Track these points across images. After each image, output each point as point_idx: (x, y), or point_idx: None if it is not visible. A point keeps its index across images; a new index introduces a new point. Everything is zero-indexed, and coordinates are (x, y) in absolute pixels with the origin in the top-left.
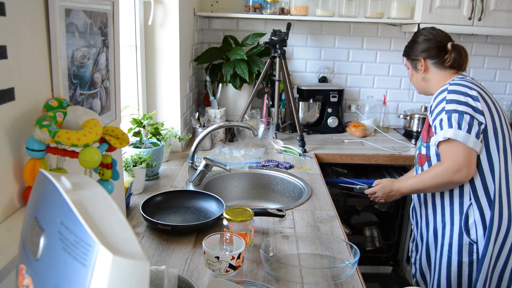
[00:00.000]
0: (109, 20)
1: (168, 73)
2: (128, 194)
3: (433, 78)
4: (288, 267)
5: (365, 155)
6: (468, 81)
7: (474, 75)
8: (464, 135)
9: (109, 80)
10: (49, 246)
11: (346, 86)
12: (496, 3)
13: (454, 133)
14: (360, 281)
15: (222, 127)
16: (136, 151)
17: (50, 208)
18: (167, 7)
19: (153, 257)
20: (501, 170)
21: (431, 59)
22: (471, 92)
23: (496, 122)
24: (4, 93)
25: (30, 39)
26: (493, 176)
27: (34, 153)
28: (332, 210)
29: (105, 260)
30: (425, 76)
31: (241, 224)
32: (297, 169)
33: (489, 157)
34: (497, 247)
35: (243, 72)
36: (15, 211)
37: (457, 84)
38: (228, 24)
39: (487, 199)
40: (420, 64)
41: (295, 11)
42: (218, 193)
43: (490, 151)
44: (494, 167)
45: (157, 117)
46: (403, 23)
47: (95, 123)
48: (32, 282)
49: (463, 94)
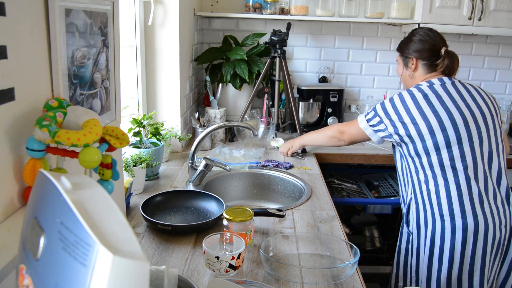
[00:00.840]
0: (109, 20)
1: (168, 73)
2: (128, 194)
3: (418, 77)
4: (288, 267)
5: (365, 155)
6: (423, 89)
7: (474, 75)
8: (366, 125)
9: (109, 80)
10: (49, 246)
11: (346, 86)
12: (496, 3)
13: (361, 120)
14: (360, 281)
15: (222, 127)
16: (136, 151)
17: (50, 208)
18: (167, 7)
19: (153, 257)
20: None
21: (422, 60)
22: (410, 103)
23: (446, 126)
24: (4, 93)
25: (30, 39)
26: (434, 178)
27: (34, 153)
28: (332, 210)
29: (105, 260)
30: (413, 74)
31: (241, 224)
32: (297, 169)
33: (430, 161)
34: (427, 240)
35: (243, 72)
36: (15, 211)
37: (408, 90)
38: (228, 24)
39: (428, 197)
40: (411, 63)
41: (295, 11)
42: (218, 193)
43: (431, 156)
44: (435, 170)
45: (157, 117)
46: (403, 23)
47: (95, 123)
48: (32, 282)
49: (401, 101)
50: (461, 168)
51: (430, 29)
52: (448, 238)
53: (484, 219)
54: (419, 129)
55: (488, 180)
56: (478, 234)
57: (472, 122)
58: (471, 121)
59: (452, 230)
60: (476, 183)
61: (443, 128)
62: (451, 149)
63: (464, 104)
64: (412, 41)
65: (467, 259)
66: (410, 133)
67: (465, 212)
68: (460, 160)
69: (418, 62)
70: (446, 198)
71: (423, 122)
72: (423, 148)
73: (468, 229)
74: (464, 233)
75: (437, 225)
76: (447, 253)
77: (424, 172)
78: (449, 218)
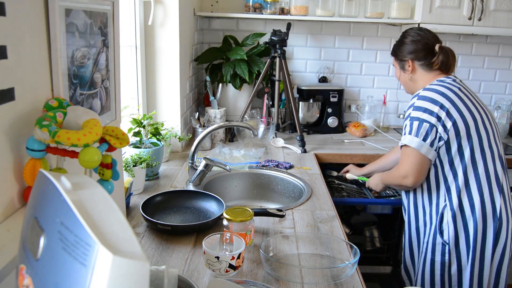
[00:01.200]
0: (109, 20)
1: (168, 73)
2: (128, 194)
3: (420, 79)
4: (288, 267)
5: (365, 155)
6: (444, 85)
7: (474, 75)
8: (418, 142)
9: (109, 80)
10: (49, 246)
11: (346, 86)
12: (496, 3)
13: (409, 139)
14: (360, 281)
15: (222, 127)
16: (136, 151)
17: (50, 208)
18: (167, 7)
19: (153, 257)
20: (474, 171)
21: (418, 61)
22: (441, 99)
23: (470, 126)
24: (4, 93)
25: (30, 39)
26: (465, 178)
27: (34, 153)
28: (332, 210)
29: (105, 260)
30: (412, 77)
31: (241, 224)
32: (297, 169)
33: (463, 159)
34: (466, 248)
35: (243, 72)
36: (15, 211)
37: (430, 89)
38: (228, 24)
39: (459, 201)
40: (407, 65)
41: (295, 11)
42: (218, 193)
43: (464, 153)
44: (467, 169)
45: (157, 117)
46: (403, 23)
47: (95, 123)
48: (32, 282)
49: (431, 101)
50: (482, 168)
51: (421, 28)
52: (491, 238)
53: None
54: (457, 126)
55: (500, 179)
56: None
57: (481, 123)
58: (481, 123)
59: (486, 231)
60: (496, 182)
61: (469, 129)
62: (473, 151)
63: (473, 105)
64: (404, 43)
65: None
66: (456, 126)
67: (496, 210)
68: (482, 160)
69: (414, 63)
70: (479, 200)
71: (460, 119)
72: (459, 146)
73: (502, 227)
74: (498, 232)
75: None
76: (500, 251)
77: (457, 175)
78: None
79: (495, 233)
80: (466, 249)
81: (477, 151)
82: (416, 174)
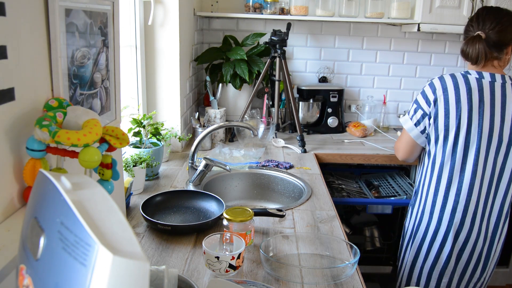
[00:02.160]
0: (109, 20)
1: (168, 73)
2: (128, 194)
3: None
4: (288, 267)
5: (365, 155)
6: (458, 77)
7: None
8: (410, 125)
9: (109, 80)
10: (49, 246)
11: (346, 86)
12: (496, 3)
13: (404, 120)
14: (360, 281)
15: (222, 127)
16: (136, 151)
17: (50, 208)
18: (167, 7)
19: (153, 257)
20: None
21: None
22: (439, 89)
23: (462, 125)
24: (4, 93)
25: (30, 39)
26: (432, 168)
27: (34, 153)
28: (332, 210)
29: (105, 260)
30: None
31: (241, 224)
32: (297, 169)
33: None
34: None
35: (243, 72)
36: (15, 211)
37: (452, 73)
38: (228, 24)
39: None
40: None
41: (295, 11)
42: (218, 193)
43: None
44: (436, 159)
45: (157, 117)
46: (403, 23)
47: (95, 123)
48: (32, 282)
49: (431, 88)
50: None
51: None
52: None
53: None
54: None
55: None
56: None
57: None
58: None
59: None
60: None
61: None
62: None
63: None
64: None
65: None
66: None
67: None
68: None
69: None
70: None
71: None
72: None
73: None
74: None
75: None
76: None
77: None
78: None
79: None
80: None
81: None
82: (404, 152)
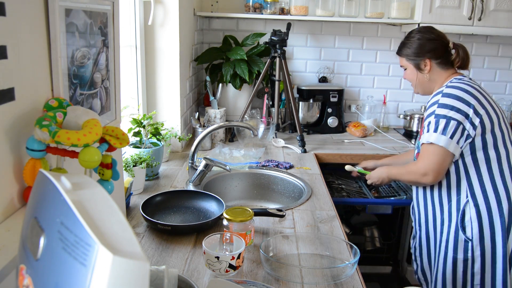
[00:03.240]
0: (109, 20)
1: (168, 73)
2: (128, 194)
3: (437, 78)
4: (288, 267)
5: (365, 155)
6: (465, 83)
7: (474, 75)
8: (446, 140)
9: (109, 80)
10: (49, 246)
11: (346, 86)
12: (496, 3)
13: (436, 137)
14: (360, 281)
15: (222, 127)
16: (136, 151)
17: (50, 208)
18: (167, 7)
19: (153, 257)
20: (499, 167)
21: (436, 59)
22: (466, 97)
23: (494, 122)
24: (4, 93)
25: (30, 39)
26: (490, 174)
27: (34, 153)
28: (332, 210)
29: (105, 260)
30: (430, 76)
31: (241, 224)
32: (297, 169)
33: (487, 155)
34: (491, 245)
35: (243, 72)
36: (15, 211)
37: (454, 87)
38: (228, 24)
39: (484, 197)
40: (423, 64)
41: (295, 11)
42: (218, 193)
43: (488, 149)
44: (491, 165)
45: (157, 117)
46: (403, 23)
47: (95, 123)
48: (32, 282)
49: (457, 99)
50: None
51: (430, 27)
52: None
53: None
54: (483, 123)
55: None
56: None
57: (502, 120)
58: (502, 119)
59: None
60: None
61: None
62: (497, 147)
63: (493, 102)
64: (419, 43)
65: None
66: (483, 122)
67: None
68: (505, 156)
69: (431, 62)
70: (506, 195)
71: (486, 115)
72: (484, 142)
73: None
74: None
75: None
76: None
77: (480, 171)
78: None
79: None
80: (491, 246)
81: (500, 146)
82: (437, 172)
